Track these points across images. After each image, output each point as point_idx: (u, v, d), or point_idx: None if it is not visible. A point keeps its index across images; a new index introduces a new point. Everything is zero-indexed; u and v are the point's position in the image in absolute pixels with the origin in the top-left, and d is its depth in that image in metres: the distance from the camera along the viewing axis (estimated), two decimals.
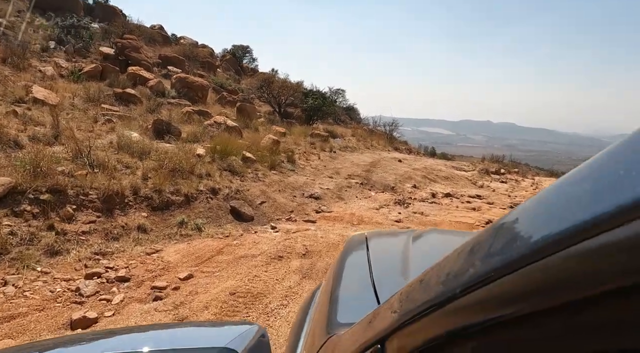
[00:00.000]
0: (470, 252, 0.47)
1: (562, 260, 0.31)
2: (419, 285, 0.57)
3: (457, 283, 0.44)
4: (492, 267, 0.39)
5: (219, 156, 7.16)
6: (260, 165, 7.57)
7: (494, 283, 0.38)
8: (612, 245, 0.27)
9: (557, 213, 0.35)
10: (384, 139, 17.78)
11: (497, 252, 0.40)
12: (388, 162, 11.77)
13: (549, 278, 0.32)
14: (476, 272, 0.41)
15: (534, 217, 0.39)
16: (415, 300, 0.55)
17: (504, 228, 0.43)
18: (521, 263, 0.35)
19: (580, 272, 0.30)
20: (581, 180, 0.36)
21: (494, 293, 0.39)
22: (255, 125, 11.59)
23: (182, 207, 5.05)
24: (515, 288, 0.36)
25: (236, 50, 22.17)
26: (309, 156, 10.13)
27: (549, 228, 0.33)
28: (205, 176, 5.97)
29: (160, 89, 12.24)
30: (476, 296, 0.41)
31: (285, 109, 15.04)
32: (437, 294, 0.48)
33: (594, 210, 0.29)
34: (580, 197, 0.33)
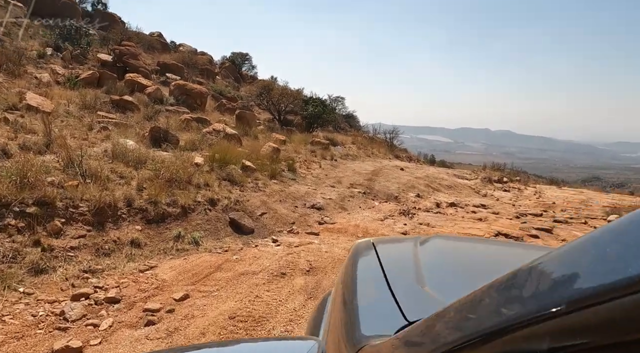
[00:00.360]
0: (559, 270, 0.46)
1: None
2: (475, 307, 0.55)
3: (546, 303, 0.42)
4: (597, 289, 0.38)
5: (218, 165, 6.90)
6: (260, 174, 7.30)
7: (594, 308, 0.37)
8: None
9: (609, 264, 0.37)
10: (384, 147, 17.56)
11: (559, 289, 0.41)
12: (390, 170, 11.52)
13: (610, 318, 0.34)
14: (544, 305, 0.41)
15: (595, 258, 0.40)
16: (479, 320, 0.52)
17: (579, 254, 0.44)
18: (585, 303, 0.36)
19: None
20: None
21: (558, 326, 0.39)
22: (255, 133, 11.35)
23: (178, 220, 4.76)
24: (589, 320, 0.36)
25: (235, 58, 22.03)
26: (309, 164, 9.87)
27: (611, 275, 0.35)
28: (203, 186, 5.70)
29: (158, 96, 12.01)
30: (541, 327, 0.40)
31: (285, 116, 14.82)
32: (502, 320, 0.47)
33: None
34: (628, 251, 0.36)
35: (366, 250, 1.42)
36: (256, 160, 8.02)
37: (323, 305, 1.53)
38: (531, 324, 0.42)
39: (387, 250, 1.47)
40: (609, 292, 0.34)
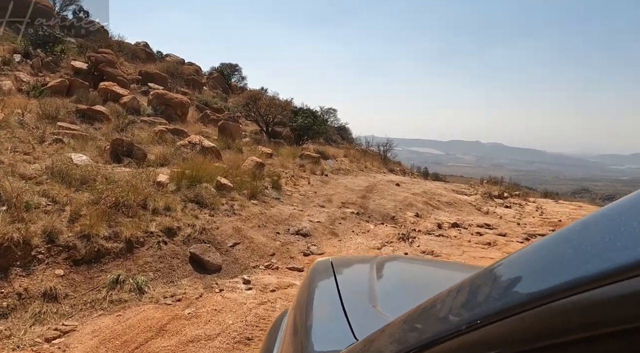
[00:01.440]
0: (472, 292, 0.51)
1: (560, 309, 0.35)
2: (418, 318, 0.58)
3: (461, 321, 0.46)
4: (496, 308, 0.42)
5: (187, 183, 5.81)
6: (237, 194, 6.22)
7: (498, 323, 0.41)
8: (599, 301, 0.32)
9: (551, 268, 0.39)
10: (378, 160, 16.59)
11: (500, 295, 0.44)
12: (385, 186, 10.49)
13: (542, 324, 0.37)
14: (481, 312, 0.44)
15: (530, 267, 0.44)
16: (415, 333, 0.56)
17: (501, 273, 0.48)
18: (519, 309, 0.39)
19: (567, 320, 0.35)
20: (575, 239, 0.40)
21: (495, 332, 0.41)
22: (239, 146, 10.28)
23: (120, 258, 3.65)
24: (509, 331, 0.40)
25: (224, 68, 21.08)
26: (297, 181, 8.81)
27: (544, 280, 0.38)
28: (162, 211, 4.60)
29: (134, 106, 10.93)
30: (479, 334, 0.43)
31: (273, 128, 13.79)
32: (440, 329, 0.49)
33: (584, 269, 0.34)
34: (570, 256, 0.38)
35: (324, 271, 1.40)
36: (235, 177, 6.94)
37: (276, 328, 1.46)
38: (450, 338, 0.45)
39: (344, 270, 1.46)
40: (516, 307, 0.38)
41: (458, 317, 0.47)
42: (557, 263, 0.38)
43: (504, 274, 0.46)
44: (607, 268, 0.32)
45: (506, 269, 0.47)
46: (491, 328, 0.41)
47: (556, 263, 0.38)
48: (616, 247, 0.33)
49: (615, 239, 0.34)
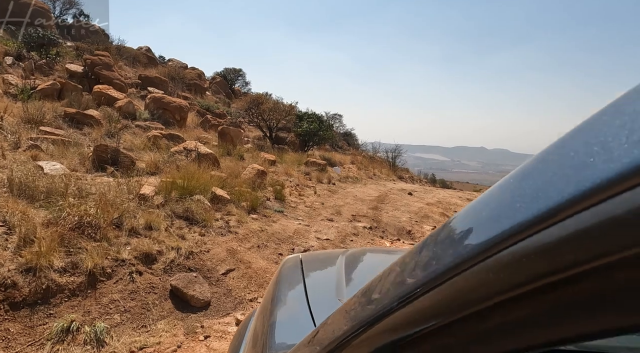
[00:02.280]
0: (400, 271, 0.51)
1: (477, 273, 0.35)
2: (356, 304, 0.59)
3: (391, 299, 0.46)
4: (418, 283, 0.42)
5: (177, 196, 5.00)
6: (235, 207, 5.39)
7: (423, 297, 0.41)
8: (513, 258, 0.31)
9: (470, 233, 0.38)
10: (386, 167, 15.75)
11: (422, 268, 0.44)
12: (397, 195, 9.63)
13: (466, 289, 0.36)
14: (407, 288, 0.44)
15: (449, 237, 0.43)
16: (353, 318, 0.55)
17: (427, 245, 0.48)
18: (442, 278, 0.38)
19: (490, 281, 0.34)
20: (486, 203, 0.40)
21: (422, 305, 0.41)
22: (240, 152, 9.48)
23: (77, 296, 2.82)
24: (436, 301, 0.40)
25: (227, 73, 20.40)
26: (302, 190, 7.97)
27: (463, 246, 0.37)
28: (141, 231, 3.77)
29: (130, 110, 10.19)
30: (409, 309, 0.43)
31: (276, 133, 13.00)
32: (372, 311, 0.49)
33: (498, 227, 0.33)
34: (486, 219, 0.37)
35: (292, 267, 1.37)
36: (233, 188, 6.12)
37: (244, 329, 1.42)
38: (383, 317, 0.46)
39: (312, 265, 1.42)
40: (444, 274, 0.38)
41: (400, 288, 0.46)
42: (495, 214, 0.36)
43: (441, 240, 0.46)
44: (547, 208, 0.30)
45: (444, 234, 0.46)
46: (430, 296, 0.40)
47: (494, 214, 0.37)
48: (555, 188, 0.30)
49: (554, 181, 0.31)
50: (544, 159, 0.36)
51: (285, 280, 1.30)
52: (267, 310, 1.16)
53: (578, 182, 0.28)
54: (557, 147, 0.34)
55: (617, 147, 0.27)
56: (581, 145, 0.31)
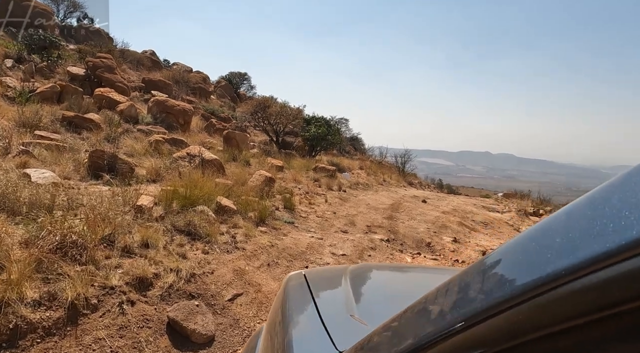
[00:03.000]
0: (456, 292, 0.50)
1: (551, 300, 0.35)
2: (404, 323, 0.57)
3: (452, 320, 0.45)
4: (480, 308, 0.41)
5: (179, 207, 4.49)
6: (241, 219, 4.87)
7: (490, 320, 0.40)
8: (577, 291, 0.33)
9: (535, 261, 0.39)
10: (395, 173, 15.21)
11: (485, 293, 0.43)
12: (411, 203, 9.08)
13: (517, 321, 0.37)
14: (465, 311, 0.43)
15: (515, 263, 0.43)
16: (405, 337, 0.53)
17: (490, 270, 0.47)
18: (508, 304, 0.38)
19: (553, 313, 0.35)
20: (551, 234, 0.40)
21: (482, 331, 0.41)
22: (246, 158, 8.99)
23: (53, 335, 2.30)
24: (497, 329, 0.39)
25: (232, 77, 19.99)
26: (312, 198, 7.45)
27: (530, 274, 0.38)
28: (135, 250, 3.26)
29: (132, 114, 9.74)
30: (475, 331, 0.42)
31: (283, 138, 12.50)
32: (426, 332, 0.48)
33: (562, 262, 0.35)
34: (554, 249, 0.38)
35: (298, 285, 1.34)
36: (239, 196, 5.61)
37: (255, 340, 1.40)
38: (440, 341, 0.45)
39: (318, 281, 1.40)
40: (495, 307, 0.38)
41: (443, 319, 0.46)
42: (543, 255, 0.38)
43: (488, 271, 0.45)
44: (597, 253, 0.32)
45: (489, 267, 0.46)
46: (478, 328, 0.40)
47: (542, 255, 0.38)
48: (605, 231, 0.33)
49: (602, 224, 0.34)
50: (590, 205, 0.38)
51: (293, 298, 1.26)
52: (278, 329, 1.12)
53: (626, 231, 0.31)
54: (600, 199, 0.37)
55: None
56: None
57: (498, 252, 0.47)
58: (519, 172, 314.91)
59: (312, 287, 1.28)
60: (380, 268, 1.96)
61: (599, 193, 0.37)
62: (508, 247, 0.45)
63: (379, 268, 1.92)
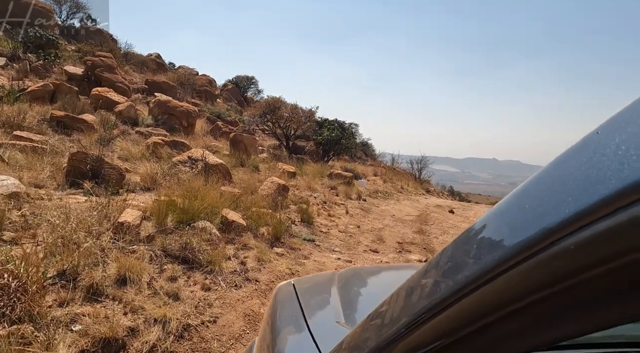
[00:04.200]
0: (406, 296, 0.50)
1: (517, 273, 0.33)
2: (371, 325, 0.56)
3: (409, 313, 0.45)
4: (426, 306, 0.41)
5: (174, 223, 3.50)
6: (252, 237, 3.85)
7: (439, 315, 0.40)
8: None
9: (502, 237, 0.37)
10: (410, 179, 14.16)
11: (448, 277, 0.42)
12: (437, 213, 8.03)
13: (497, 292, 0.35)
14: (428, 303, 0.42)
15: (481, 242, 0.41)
16: (369, 339, 0.52)
17: (436, 267, 0.47)
18: (471, 286, 0.37)
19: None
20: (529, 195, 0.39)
21: (437, 323, 0.40)
22: (255, 163, 8.00)
23: None
24: (471, 305, 0.37)
25: (240, 80, 19.11)
26: (331, 208, 6.43)
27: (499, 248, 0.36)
28: (108, 289, 2.26)
29: (131, 115, 8.81)
30: (433, 324, 0.41)
31: (294, 142, 11.52)
32: (394, 328, 0.47)
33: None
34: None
35: (287, 294, 1.31)
36: (249, 208, 4.60)
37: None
38: (403, 338, 0.44)
39: (306, 289, 1.36)
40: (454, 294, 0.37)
41: (417, 304, 0.45)
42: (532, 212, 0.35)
43: (472, 241, 0.43)
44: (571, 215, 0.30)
45: (470, 238, 0.44)
46: (451, 310, 0.39)
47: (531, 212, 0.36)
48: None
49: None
50: (558, 167, 0.36)
51: (282, 308, 1.21)
52: (267, 341, 1.09)
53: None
54: (568, 159, 0.35)
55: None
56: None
57: (478, 221, 0.44)
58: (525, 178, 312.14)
59: (300, 296, 1.23)
60: (367, 271, 1.87)
61: (592, 139, 0.34)
62: (491, 214, 0.42)
63: (366, 271, 1.84)
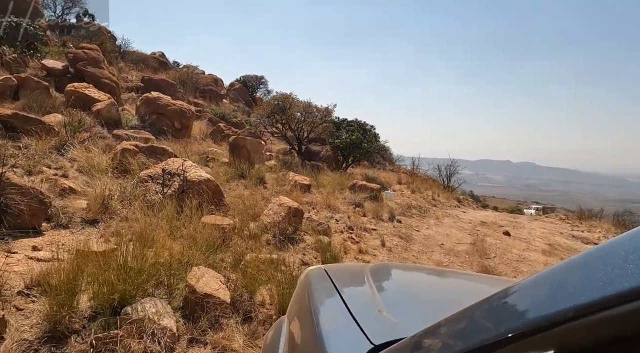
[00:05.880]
0: (514, 303, 0.51)
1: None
2: (460, 327, 0.57)
3: (501, 331, 0.45)
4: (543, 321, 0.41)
5: (96, 305, 1.75)
6: (240, 328, 2.09)
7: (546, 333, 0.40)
8: None
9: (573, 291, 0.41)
10: (437, 186, 12.23)
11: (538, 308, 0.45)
12: (490, 236, 6.13)
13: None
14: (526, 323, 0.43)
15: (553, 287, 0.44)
16: (468, 337, 0.53)
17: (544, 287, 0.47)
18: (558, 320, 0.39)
19: None
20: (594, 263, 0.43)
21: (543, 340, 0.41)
22: (260, 173, 6.23)
23: None
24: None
25: (248, 80, 17.42)
26: (362, 238, 4.60)
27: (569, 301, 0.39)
28: None
29: (113, 115, 7.13)
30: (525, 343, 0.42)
31: (307, 146, 9.72)
32: (486, 336, 0.48)
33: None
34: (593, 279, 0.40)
35: (320, 277, 1.29)
36: (241, 255, 2.83)
37: (277, 333, 1.31)
38: (505, 343, 0.44)
39: (341, 277, 1.32)
40: (561, 317, 0.38)
41: (491, 329, 0.47)
42: (580, 285, 0.39)
43: (542, 288, 0.46)
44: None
45: (542, 284, 0.47)
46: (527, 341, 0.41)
47: (578, 285, 0.39)
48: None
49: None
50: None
51: (318, 292, 1.17)
52: (308, 322, 1.05)
53: None
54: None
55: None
56: None
57: (550, 272, 0.47)
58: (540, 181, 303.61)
59: (336, 282, 1.20)
60: (399, 268, 1.86)
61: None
62: (566, 265, 0.46)
63: (398, 268, 1.81)
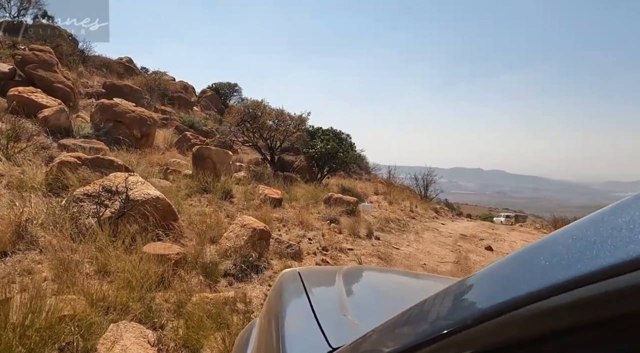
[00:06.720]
0: (455, 299, 0.51)
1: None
2: (402, 324, 0.58)
3: (441, 325, 0.46)
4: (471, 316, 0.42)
5: None
6: None
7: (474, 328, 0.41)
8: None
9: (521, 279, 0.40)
10: (415, 197, 11.93)
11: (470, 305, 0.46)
12: (473, 252, 5.74)
13: None
14: (458, 318, 0.44)
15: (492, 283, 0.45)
16: (403, 336, 0.55)
17: (472, 285, 0.49)
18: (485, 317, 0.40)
19: None
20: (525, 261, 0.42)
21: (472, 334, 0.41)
22: (226, 186, 5.62)
23: None
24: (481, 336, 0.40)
25: (220, 87, 16.71)
26: (337, 261, 4.09)
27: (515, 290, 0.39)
28: None
29: (62, 123, 6.36)
30: (459, 337, 0.42)
31: (280, 156, 9.15)
32: (427, 331, 0.48)
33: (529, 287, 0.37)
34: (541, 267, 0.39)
35: (293, 281, 1.29)
36: (188, 299, 2.25)
37: (247, 336, 1.32)
38: (437, 340, 0.45)
39: (312, 280, 1.33)
40: (497, 311, 0.39)
41: (439, 322, 0.47)
42: (528, 273, 0.39)
43: (487, 281, 0.47)
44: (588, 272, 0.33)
45: (488, 276, 0.47)
46: (471, 331, 0.41)
47: (526, 273, 0.40)
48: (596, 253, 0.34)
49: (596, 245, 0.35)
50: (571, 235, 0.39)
51: (288, 294, 1.19)
52: (273, 323, 1.06)
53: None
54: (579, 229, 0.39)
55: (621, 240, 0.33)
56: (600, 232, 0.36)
57: (498, 264, 0.47)
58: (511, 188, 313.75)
59: (307, 285, 1.20)
60: (371, 271, 1.86)
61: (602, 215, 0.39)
62: (509, 260, 0.46)
63: (370, 271, 1.83)
